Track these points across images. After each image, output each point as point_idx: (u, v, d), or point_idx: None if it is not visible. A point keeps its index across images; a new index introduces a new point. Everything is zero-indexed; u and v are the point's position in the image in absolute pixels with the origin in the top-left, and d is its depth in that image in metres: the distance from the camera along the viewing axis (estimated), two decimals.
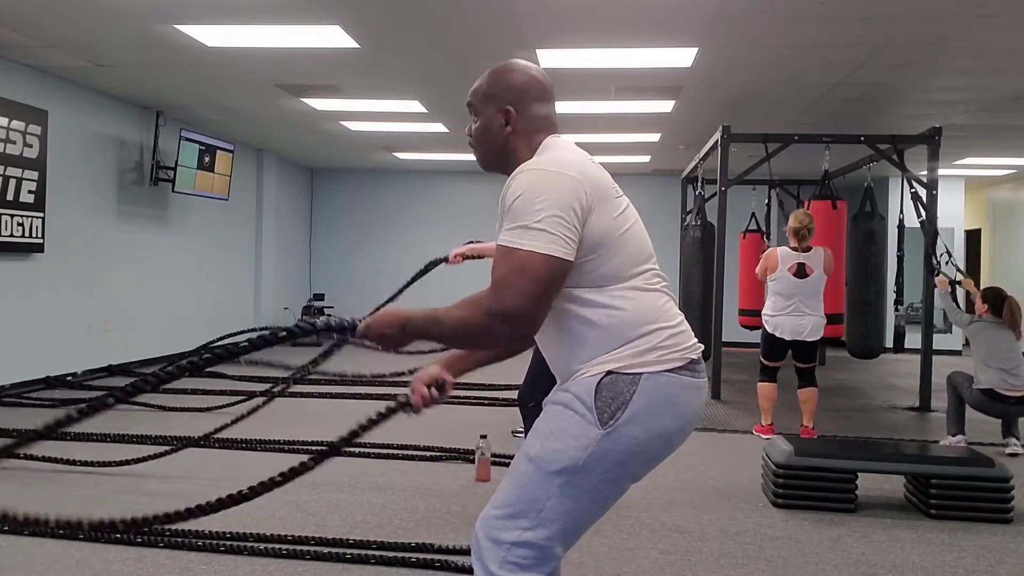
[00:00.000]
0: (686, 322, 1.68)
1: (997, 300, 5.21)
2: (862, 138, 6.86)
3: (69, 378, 6.95)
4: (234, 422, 4.39)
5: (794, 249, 5.24)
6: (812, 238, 5.29)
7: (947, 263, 6.41)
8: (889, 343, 7.35)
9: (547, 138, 1.72)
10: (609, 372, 1.57)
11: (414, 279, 4.33)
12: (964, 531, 3.54)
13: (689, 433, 1.67)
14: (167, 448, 4.22)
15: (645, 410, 1.56)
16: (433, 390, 1.77)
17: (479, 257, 3.81)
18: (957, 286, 5.92)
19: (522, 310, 1.48)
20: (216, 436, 4.47)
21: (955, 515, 3.66)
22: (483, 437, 4.18)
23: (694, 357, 1.64)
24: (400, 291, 4.33)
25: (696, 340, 1.68)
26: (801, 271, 5.17)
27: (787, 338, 5.22)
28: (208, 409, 5.85)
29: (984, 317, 5.21)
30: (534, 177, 1.56)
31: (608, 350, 1.58)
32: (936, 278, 5.96)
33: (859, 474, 3.79)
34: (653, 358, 1.58)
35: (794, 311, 5.20)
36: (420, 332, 1.56)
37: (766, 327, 5.32)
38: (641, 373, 1.57)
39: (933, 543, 3.38)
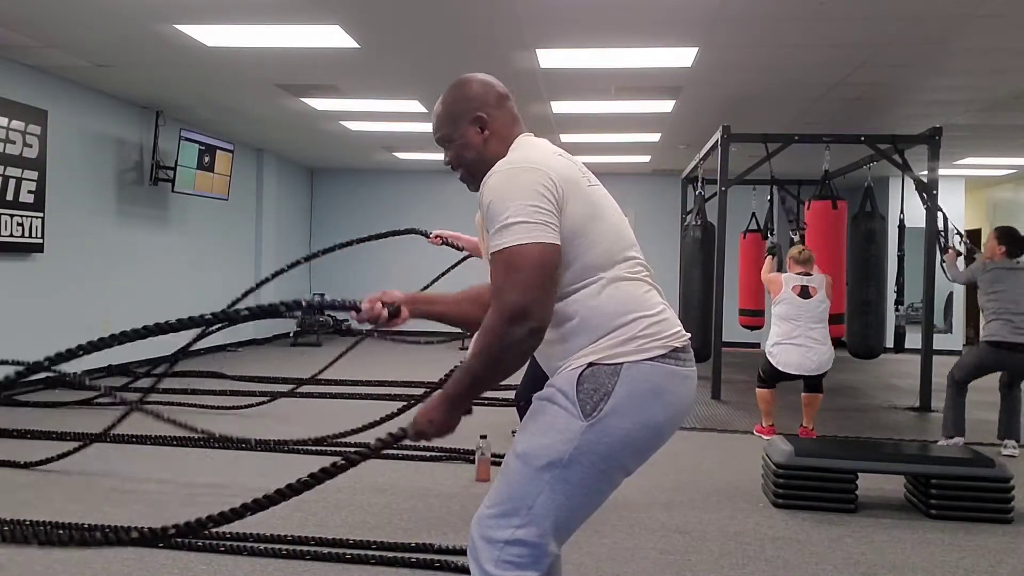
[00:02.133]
0: (669, 310, 1.68)
1: (1013, 241, 5.07)
2: (862, 138, 6.85)
3: (68, 378, 6.94)
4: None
5: (797, 273, 5.35)
6: (812, 266, 5.39)
7: (960, 242, 6.31)
8: (889, 343, 7.35)
9: (518, 137, 1.74)
10: (590, 364, 1.57)
11: (384, 235, 4.30)
12: (964, 531, 3.54)
13: (679, 424, 1.66)
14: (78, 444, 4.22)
15: (629, 400, 1.56)
16: (385, 311, 1.71)
17: (457, 247, 3.81)
18: (971, 254, 5.85)
19: (525, 302, 1.47)
20: (220, 437, 4.46)
21: (955, 515, 3.66)
22: (483, 437, 4.18)
23: (678, 345, 1.63)
24: (356, 243, 4.25)
25: (681, 328, 1.67)
26: (805, 292, 5.23)
27: (792, 372, 5.21)
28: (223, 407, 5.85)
29: (998, 261, 5.08)
30: (501, 177, 1.58)
31: (589, 342, 1.59)
32: (944, 253, 5.86)
33: (859, 474, 3.79)
34: (633, 347, 1.58)
35: (800, 340, 5.16)
36: (465, 394, 1.58)
37: (770, 359, 5.27)
38: (621, 363, 1.56)
39: (933, 543, 3.38)
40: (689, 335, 1.68)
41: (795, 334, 5.18)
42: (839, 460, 3.78)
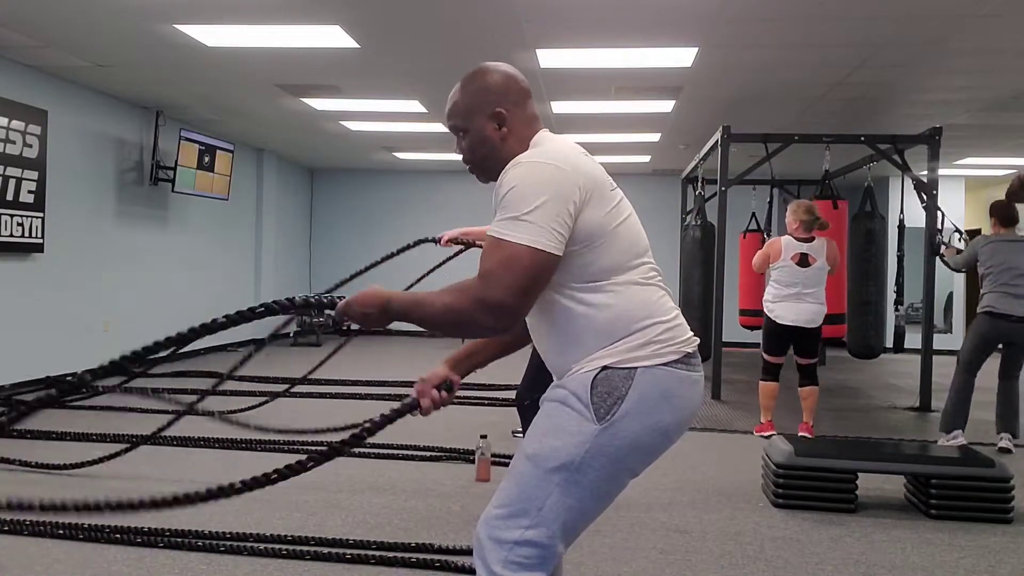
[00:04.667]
0: (681, 316, 1.69)
1: (1004, 210, 5.17)
2: (862, 138, 6.85)
3: (69, 378, 6.92)
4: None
5: (798, 239, 5.22)
6: (820, 229, 5.27)
7: (960, 239, 6.27)
8: (889, 343, 7.35)
9: (538, 133, 1.71)
10: (604, 367, 1.57)
11: (398, 252, 4.14)
12: (964, 531, 3.53)
13: (686, 427, 1.67)
14: (124, 447, 4.10)
15: (641, 404, 1.56)
16: (442, 392, 1.77)
17: (469, 244, 3.84)
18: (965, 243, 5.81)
19: (506, 301, 1.48)
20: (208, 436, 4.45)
21: (955, 515, 3.66)
22: (483, 437, 4.18)
23: (689, 351, 1.64)
24: (377, 263, 4.06)
25: (692, 334, 1.68)
26: (804, 260, 5.15)
27: (788, 323, 5.17)
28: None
29: (998, 234, 5.16)
30: (526, 170, 1.55)
31: (603, 345, 1.59)
32: (945, 249, 5.83)
33: (859, 474, 3.78)
34: (648, 352, 1.58)
35: (795, 298, 5.17)
36: (402, 313, 1.55)
37: (767, 315, 5.28)
38: (636, 367, 1.57)
39: (934, 543, 3.38)
40: (698, 339, 1.68)
41: (790, 294, 5.18)
42: (839, 460, 3.78)
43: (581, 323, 1.60)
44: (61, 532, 3.15)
